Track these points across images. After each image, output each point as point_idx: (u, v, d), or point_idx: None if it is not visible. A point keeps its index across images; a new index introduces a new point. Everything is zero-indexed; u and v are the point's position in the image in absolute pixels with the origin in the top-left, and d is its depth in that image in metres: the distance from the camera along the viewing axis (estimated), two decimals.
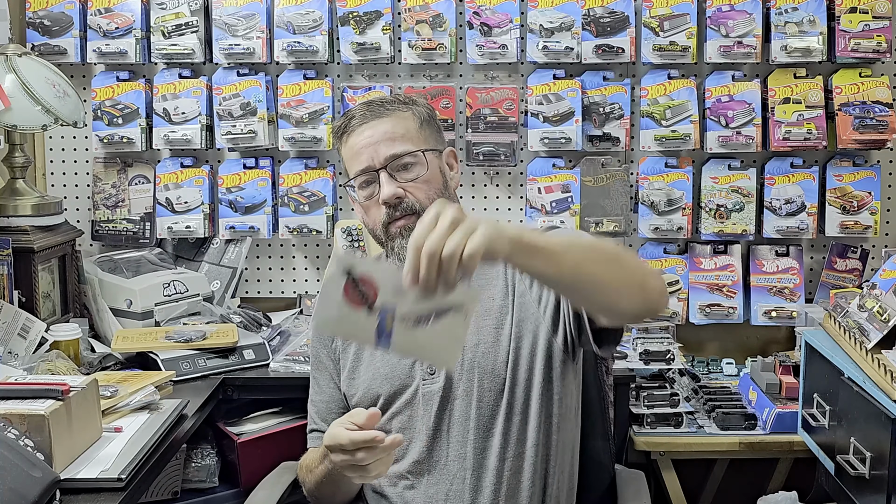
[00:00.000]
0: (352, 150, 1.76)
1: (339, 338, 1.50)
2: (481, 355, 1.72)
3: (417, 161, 1.73)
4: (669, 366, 2.52)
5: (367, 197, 1.75)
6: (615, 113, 2.82)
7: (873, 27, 2.72)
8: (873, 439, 1.89)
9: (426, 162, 1.74)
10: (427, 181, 1.74)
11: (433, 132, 1.80)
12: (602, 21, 2.77)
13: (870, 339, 1.96)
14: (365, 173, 1.74)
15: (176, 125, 2.87)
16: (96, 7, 2.86)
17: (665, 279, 1.77)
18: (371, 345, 1.30)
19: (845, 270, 2.84)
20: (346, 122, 1.78)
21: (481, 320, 1.75)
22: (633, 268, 1.47)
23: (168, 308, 2.62)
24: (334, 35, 2.87)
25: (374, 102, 1.78)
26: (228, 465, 2.46)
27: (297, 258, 3.01)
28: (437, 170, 1.77)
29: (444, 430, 1.73)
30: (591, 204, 2.84)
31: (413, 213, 1.72)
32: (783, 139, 2.75)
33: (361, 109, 1.77)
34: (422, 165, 1.74)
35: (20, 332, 2.29)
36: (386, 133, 1.73)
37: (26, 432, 1.61)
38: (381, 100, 1.79)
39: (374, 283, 1.27)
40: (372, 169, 1.73)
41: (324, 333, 1.59)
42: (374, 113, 1.75)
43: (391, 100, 1.79)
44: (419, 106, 1.80)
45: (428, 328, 1.26)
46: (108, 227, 2.94)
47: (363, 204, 1.77)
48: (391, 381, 1.76)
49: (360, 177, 1.75)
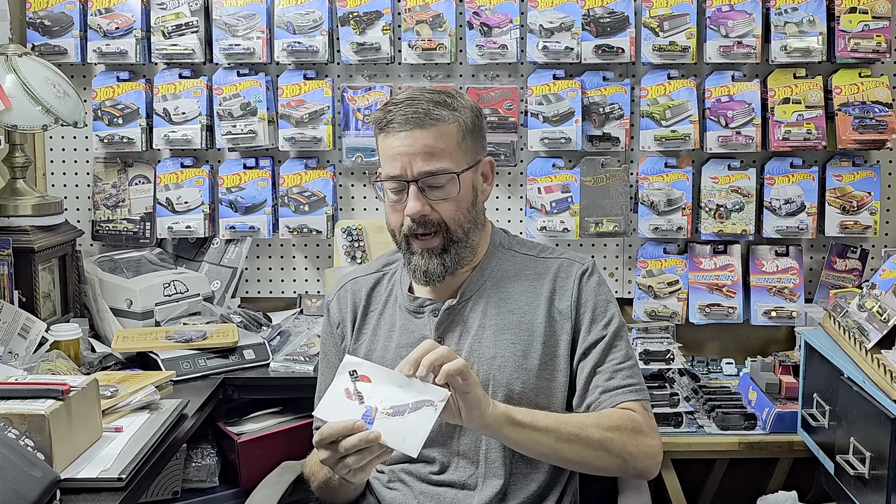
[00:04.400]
0: (387, 150, 1.71)
1: (333, 419, 1.56)
2: (497, 368, 1.73)
3: (450, 181, 1.71)
4: (669, 366, 2.52)
5: (394, 201, 1.73)
6: (615, 113, 2.82)
7: (873, 27, 2.72)
8: (873, 439, 1.89)
9: (459, 183, 1.71)
10: (456, 200, 1.72)
11: (475, 142, 1.76)
12: (602, 21, 2.78)
13: (869, 339, 1.96)
14: (396, 180, 1.71)
15: (176, 125, 2.87)
16: (96, 7, 2.86)
17: (655, 447, 1.71)
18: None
19: (845, 270, 2.84)
20: (386, 121, 1.71)
21: (500, 334, 1.75)
22: (616, 452, 1.66)
23: (168, 308, 2.62)
24: (334, 35, 2.87)
25: (420, 108, 1.69)
26: (228, 465, 2.46)
27: (297, 258, 3.01)
28: (469, 188, 1.74)
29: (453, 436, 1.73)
30: (591, 204, 2.84)
31: (435, 231, 1.71)
32: (783, 139, 2.75)
33: (404, 112, 1.69)
34: (454, 186, 1.71)
35: (20, 332, 2.29)
36: (425, 147, 1.68)
37: (27, 432, 1.61)
38: (427, 103, 1.70)
39: (368, 378, 1.57)
40: (403, 179, 1.70)
41: (323, 416, 1.59)
42: (416, 122, 1.68)
43: (437, 103, 1.71)
44: (465, 111, 1.73)
45: (403, 418, 1.52)
46: (109, 227, 2.95)
47: (389, 204, 1.75)
48: None
49: (391, 182, 1.72)
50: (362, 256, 2.84)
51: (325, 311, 1.93)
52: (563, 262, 1.82)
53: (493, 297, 1.78)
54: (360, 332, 1.86)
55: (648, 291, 2.86)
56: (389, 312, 1.84)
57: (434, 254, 1.73)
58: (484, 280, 1.80)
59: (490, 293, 1.79)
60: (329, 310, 1.91)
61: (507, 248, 1.85)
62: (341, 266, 2.85)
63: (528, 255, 1.84)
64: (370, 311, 1.86)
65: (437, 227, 1.71)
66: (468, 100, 1.77)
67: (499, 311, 1.77)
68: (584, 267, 1.81)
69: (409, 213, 1.70)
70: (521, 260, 1.83)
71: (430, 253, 1.73)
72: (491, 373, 1.72)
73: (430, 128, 1.68)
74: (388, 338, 1.81)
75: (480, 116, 1.78)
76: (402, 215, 1.72)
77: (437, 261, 1.73)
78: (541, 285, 1.79)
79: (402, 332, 1.80)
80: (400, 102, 1.72)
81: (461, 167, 1.72)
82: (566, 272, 1.80)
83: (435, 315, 1.78)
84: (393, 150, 1.70)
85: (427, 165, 1.68)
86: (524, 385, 1.72)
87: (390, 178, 1.71)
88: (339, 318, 1.89)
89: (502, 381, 1.72)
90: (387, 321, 1.83)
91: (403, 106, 1.70)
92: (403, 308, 1.82)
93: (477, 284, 1.79)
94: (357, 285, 1.89)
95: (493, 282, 1.80)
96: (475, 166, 1.76)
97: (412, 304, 1.81)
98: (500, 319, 1.76)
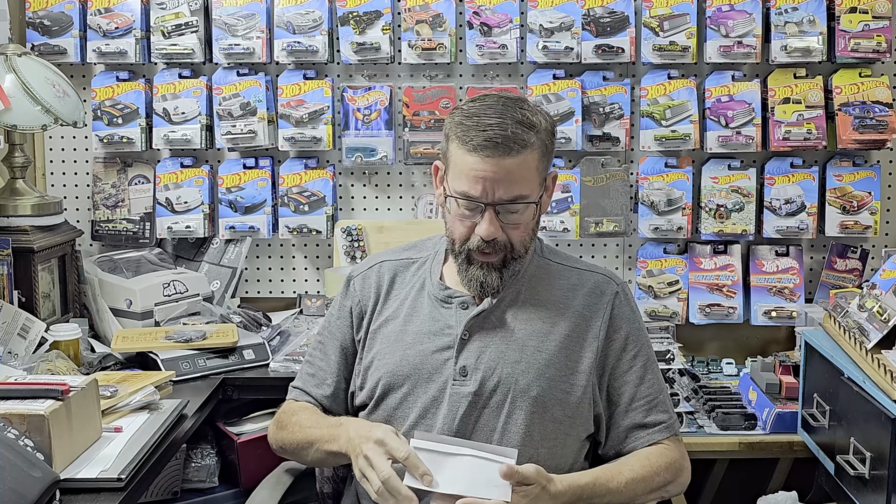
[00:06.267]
0: (467, 167, 1.68)
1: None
2: (520, 373, 1.73)
3: (527, 208, 1.71)
4: (669, 366, 2.52)
5: (462, 216, 1.72)
6: (615, 113, 2.82)
7: (873, 27, 2.72)
8: (873, 439, 1.89)
9: (534, 209, 1.73)
10: (526, 224, 1.73)
11: (549, 160, 1.75)
12: (602, 21, 2.78)
13: (870, 339, 1.96)
14: (472, 200, 1.69)
15: (176, 125, 2.87)
16: (96, 7, 2.86)
17: (688, 478, 1.84)
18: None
19: (845, 270, 2.84)
20: (469, 136, 1.67)
21: (528, 340, 1.75)
22: (656, 496, 1.76)
23: (168, 308, 2.62)
24: (334, 35, 2.87)
25: (508, 131, 1.65)
26: (228, 465, 2.46)
27: (296, 258, 3.01)
28: (539, 210, 1.75)
29: (465, 433, 1.72)
30: (591, 204, 2.84)
31: (501, 250, 1.72)
32: (783, 139, 2.75)
33: (490, 136, 1.65)
34: (529, 212, 1.72)
35: (20, 332, 2.29)
36: (509, 174, 1.66)
37: (26, 432, 1.61)
38: (514, 124, 1.66)
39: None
40: (481, 201, 1.69)
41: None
42: (504, 148, 1.65)
43: (521, 123, 1.67)
44: (544, 133, 1.71)
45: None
46: (108, 227, 2.94)
47: (456, 217, 1.73)
48: (419, 371, 1.75)
49: (465, 200, 1.70)
50: (362, 256, 2.84)
51: (345, 285, 1.92)
52: (600, 280, 1.83)
53: (526, 302, 1.79)
54: (380, 314, 1.85)
55: (648, 291, 2.86)
56: (414, 297, 1.83)
57: (494, 268, 1.74)
58: (520, 285, 1.80)
59: (524, 298, 1.79)
60: (352, 285, 1.90)
61: (540, 255, 1.86)
62: (341, 266, 2.85)
63: (561, 265, 1.85)
64: (392, 295, 1.86)
65: (502, 248, 1.72)
66: (545, 116, 1.75)
67: (529, 318, 1.77)
68: (619, 288, 1.83)
69: (482, 236, 1.70)
70: (556, 269, 1.84)
71: (490, 267, 1.74)
72: (514, 377, 1.73)
73: (516, 155, 1.67)
74: (407, 321, 1.81)
75: (554, 136, 1.77)
76: (469, 231, 1.72)
77: (496, 275, 1.74)
78: (573, 297, 1.80)
79: (427, 319, 1.80)
80: (482, 115, 1.68)
81: (538, 193, 1.73)
82: (601, 289, 1.82)
83: (464, 308, 1.78)
84: (475, 172, 1.67)
85: (508, 193, 1.68)
86: (542, 392, 1.73)
87: (467, 196, 1.69)
88: (360, 296, 1.88)
89: (523, 385, 1.72)
90: (409, 306, 1.83)
91: (489, 125, 1.66)
92: (432, 297, 1.81)
93: (513, 288, 1.80)
94: (384, 269, 1.89)
95: (528, 287, 1.81)
96: (546, 187, 1.77)
97: (442, 294, 1.81)
98: (529, 326, 1.76)
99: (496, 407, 1.72)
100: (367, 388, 1.81)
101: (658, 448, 1.78)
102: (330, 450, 1.73)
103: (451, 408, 1.72)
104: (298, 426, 1.82)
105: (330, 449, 1.73)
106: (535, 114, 1.72)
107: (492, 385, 1.72)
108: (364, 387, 1.82)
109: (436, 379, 1.74)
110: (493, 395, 1.72)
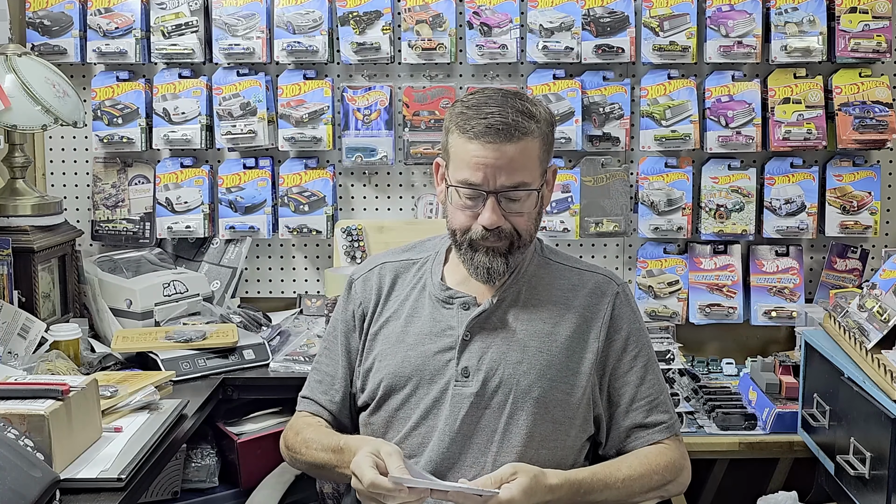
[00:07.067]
0: (468, 155, 1.68)
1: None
2: (521, 374, 1.73)
3: (529, 196, 1.71)
4: (669, 366, 2.52)
5: (464, 206, 1.72)
6: (615, 113, 2.82)
7: (873, 27, 2.72)
8: (873, 439, 1.89)
9: (535, 197, 1.72)
10: (528, 213, 1.73)
11: (549, 150, 1.76)
12: (602, 21, 2.78)
13: (870, 339, 1.96)
14: (473, 188, 1.70)
15: (176, 125, 2.87)
16: (96, 7, 2.86)
17: (688, 477, 1.84)
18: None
19: (845, 270, 2.84)
20: (470, 125, 1.68)
21: (529, 341, 1.75)
22: (656, 495, 1.76)
23: (168, 308, 2.62)
24: (334, 35, 2.87)
25: (508, 118, 1.66)
26: (228, 465, 2.46)
27: (296, 258, 3.01)
28: (541, 198, 1.75)
29: (466, 434, 1.72)
30: (591, 204, 2.84)
31: (507, 238, 1.72)
32: (783, 139, 2.75)
33: (491, 122, 1.66)
34: (531, 200, 1.72)
35: (20, 332, 2.29)
36: (511, 161, 1.67)
37: (26, 432, 1.61)
38: (514, 113, 1.67)
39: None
40: (482, 189, 1.69)
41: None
42: (505, 134, 1.65)
43: (522, 112, 1.68)
44: (544, 121, 1.72)
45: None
46: (108, 227, 2.94)
47: (458, 207, 1.73)
48: (421, 373, 1.75)
49: (466, 189, 1.71)
50: (362, 256, 2.84)
51: (347, 288, 1.92)
52: (600, 280, 1.83)
53: (527, 303, 1.79)
54: (381, 315, 1.85)
55: (648, 291, 2.86)
56: (415, 298, 1.83)
57: (499, 253, 1.73)
58: (521, 285, 1.80)
59: (525, 299, 1.79)
60: (353, 288, 1.90)
61: (540, 255, 1.86)
62: (341, 266, 2.85)
63: (562, 265, 1.85)
64: (392, 296, 1.86)
65: (505, 236, 1.72)
66: (545, 108, 1.76)
67: (530, 319, 1.77)
68: (620, 288, 1.83)
69: (484, 224, 1.70)
70: (556, 269, 1.84)
71: (496, 252, 1.73)
72: (515, 378, 1.73)
73: (517, 142, 1.67)
74: (408, 322, 1.81)
75: (554, 126, 1.78)
76: (471, 220, 1.72)
77: (502, 260, 1.74)
78: (574, 298, 1.80)
79: (429, 320, 1.79)
80: (482, 105, 1.69)
81: (539, 181, 1.73)
82: (602, 290, 1.82)
83: (465, 308, 1.78)
84: (476, 159, 1.67)
85: (510, 180, 1.68)
86: (543, 393, 1.73)
87: (468, 185, 1.70)
88: (361, 298, 1.88)
89: (524, 386, 1.72)
90: (410, 307, 1.83)
91: (489, 112, 1.67)
92: (433, 297, 1.81)
93: (514, 288, 1.80)
94: (385, 270, 1.89)
95: (529, 288, 1.81)
96: (546, 178, 1.77)
97: (443, 294, 1.80)
98: (530, 326, 1.76)
99: (498, 408, 1.72)
100: (368, 389, 1.81)
101: (658, 448, 1.78)
102: (344, 474, 1.71)
103: (452, 409, 1.72)
104: (305, 446, 1.81)
105: (344, 473, 1.71)
106: (535, 105, 1.73)
107: (493, 386, 1.72)
108: (365, 388, 1.82)
109: (438, 380, 1.74)
110: (495, 395, 1.72)
